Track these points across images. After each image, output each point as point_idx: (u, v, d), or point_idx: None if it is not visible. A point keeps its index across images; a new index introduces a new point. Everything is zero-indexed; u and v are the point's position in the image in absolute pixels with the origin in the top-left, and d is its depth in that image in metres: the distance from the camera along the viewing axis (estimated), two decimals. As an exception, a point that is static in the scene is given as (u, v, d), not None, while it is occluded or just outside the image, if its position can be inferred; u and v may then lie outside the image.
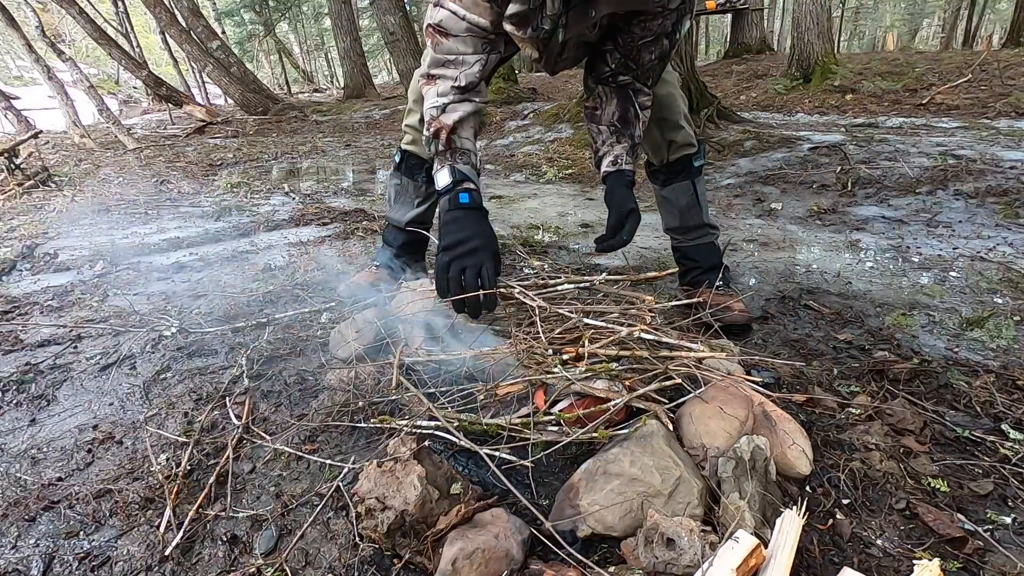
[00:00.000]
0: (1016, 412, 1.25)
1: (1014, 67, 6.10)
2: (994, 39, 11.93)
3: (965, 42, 14.44)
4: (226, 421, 1.34)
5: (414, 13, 15.76)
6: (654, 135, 1.72)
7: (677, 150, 1.73)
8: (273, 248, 2.84)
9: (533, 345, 1.23)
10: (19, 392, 1.53)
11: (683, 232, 1.87)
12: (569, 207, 3.57)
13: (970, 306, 1.83)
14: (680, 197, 1.80)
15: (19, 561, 0.98)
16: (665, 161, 1.76)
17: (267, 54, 23.39)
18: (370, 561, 0.94)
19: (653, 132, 1.71)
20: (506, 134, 6.31)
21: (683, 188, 1.78)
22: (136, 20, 16.03)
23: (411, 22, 9.86)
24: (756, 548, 0.80)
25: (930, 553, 0.91)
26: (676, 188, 1.79)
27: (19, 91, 15.44)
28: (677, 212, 1.83)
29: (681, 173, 1.77)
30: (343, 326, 1.59)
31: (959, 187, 3.04)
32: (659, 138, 1.73)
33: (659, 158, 1.78)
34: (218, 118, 10.00)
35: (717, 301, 1.68)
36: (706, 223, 1.83)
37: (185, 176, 5.39)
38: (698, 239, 1.85)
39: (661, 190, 1.84)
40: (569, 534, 0.94)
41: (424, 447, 1.03)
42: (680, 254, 1.91)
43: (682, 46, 5.04)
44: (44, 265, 2.67)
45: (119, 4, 13.35)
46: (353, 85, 13.31)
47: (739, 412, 1.08)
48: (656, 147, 1.76)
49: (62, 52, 7.17)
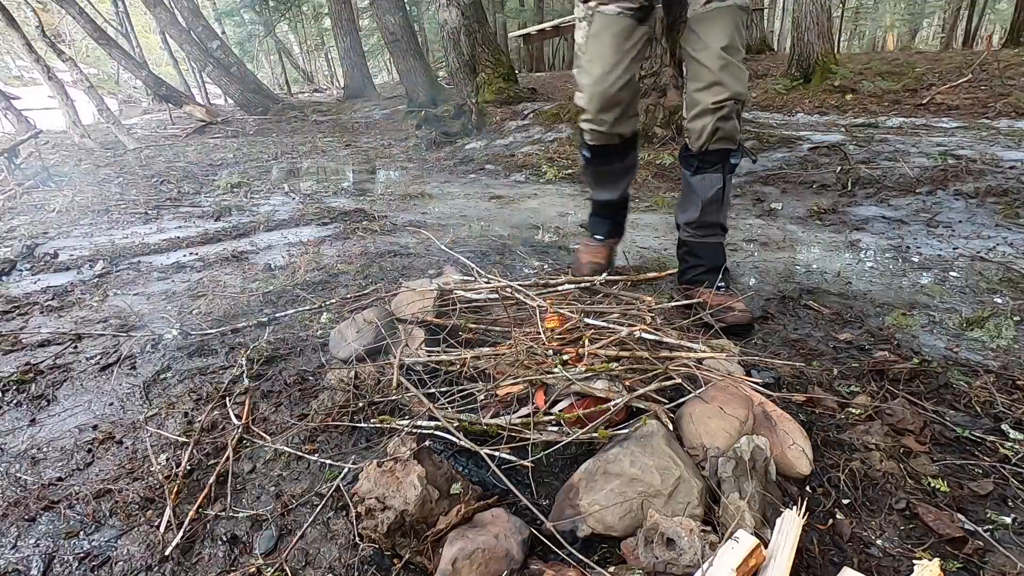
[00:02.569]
0: (1016, 412, 1.25)
1: (1014, 67, 6.10)
2: (994, 39, 11.93)
3: (965, 42, 14.44)
4: (226, 421, 1.34)
5: (414, 13, 15.76)
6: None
7: (716, 138, 1.68)
8: (273, 248, 2.84)
9: (532, 346, 1.23)
10: (19, 392, 1.53)
11: (697, 227, 1.83)
12: (569, 207, 3.57)
13: (970, 306, 1.83)
14: (708, 189, 1.75)
15: (19, 561, 0.98)
16: (705, 148, 1.71)
17: (267, 54, 23.39)
18: (370, 561, 0.94)
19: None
20: (506, 134, 6.31)
21: (714, 180, 1.75)
22: (136, 20, 16.03)
23: (411, 22, 9.86)
24: (756, 548, 0.80)
25: (930, 553, 0.91)
26: (707, 178, 1.75)
27: (19, 91, 15.43)
28: (700, 204, 1.78)
29: (716, 164, 1.73)
30: (343, 326, 1.59)
31: (959, 187, 3.04)
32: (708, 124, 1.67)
33: (700, 144, 1.71)
34: (218, 118, 10.00)
35: (717, 302, 1.67)
36: (720, 223, 1.81)
37: (185, 176, 5.39)
38: (708, 237, 1.83)
39: (692, 176, 1.78)
40: (569, 534, 0.94)
41: (424, 447, 1.03)
42: (686, 249, 1.87)
43: (682, 46, 5.04)
44: (44, 265, 2.67)
45: (119, 4, 13.35)
46: (353, 85, 13.30)
47: (739, 412, 1.08)
48: (700, 132, 1.69)
49: (62, 52, 7.17)
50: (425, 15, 17.59)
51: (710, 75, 1.57)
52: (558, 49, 17.66)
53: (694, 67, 1.61)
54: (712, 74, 1.56)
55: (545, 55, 17.03)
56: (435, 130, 6.63)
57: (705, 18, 1.55)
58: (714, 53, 1.55)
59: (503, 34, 14.55)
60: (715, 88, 1.58)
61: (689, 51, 1.61)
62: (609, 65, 1.64)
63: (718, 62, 1.55)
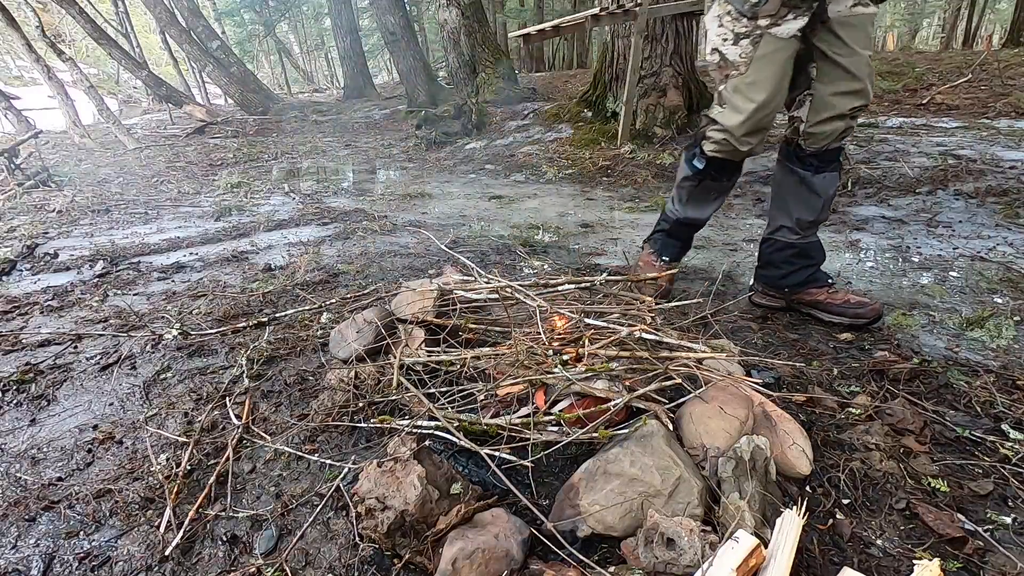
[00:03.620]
0: (1016, 412, 1.25)
1: (1014, 67, 6.09)
2: (994, 39, 11.93)
3: (965, 42, 14.43)
4: (226, 421, 1.34)
5: (414, 13, 15.76)
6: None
7: (840, 138, 1.63)
8: (273, 248, 2.84)
9: (532, 346, 1.23)
10: (19, 392, 1.53)
11: (810, 226, 1.76)
12: (569, 207, 3.57)
13: (970, 306, 1.83)
14: (830, 186, 1.70)
15: (19, 561, 0.98)
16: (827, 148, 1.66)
17: (267, 54, 23.39)
18: (370, 561, 0.94)
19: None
20: (506, 134, 6.31)
21: (833, 179, 1.70)
22: (136, 20, 16.04)
23: (411, 22, 9.86)
24: (756, 548, 0.80)
25: (930, 553, 0.91)
26: (828, 176, 1.69)
27: (19, 91, 15.43)
28: (820, 204, 1.72)
29: (832, 163, 1.69)
30: (343, 326, 1.59)
31: (959, 187, 3.04)
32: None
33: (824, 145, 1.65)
34: (218, 118, 10.00)
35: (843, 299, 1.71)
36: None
37: (185, 176, 5.39)
38: (814, 236, 1.80)
39: (813, 176, 1.71)
40: (569, 534, 0.94)
41: (424, 447, 1.03)
42: (794, 251, 1.79)
43: (682, 46, 5.05)
44: (44, 265, 2.67)
45: (119, 4, 13.35)
46: (353, 85, 13.30)
47: (739, 412, 1.08)
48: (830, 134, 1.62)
49: (62, 52, 7.17)
50: (425, 15, 17.59)
51: (856, 82, 1.53)
52: (558, 49, 17.66)
53: (834, 71, 1.54)
54: (859, 81, 1.52)
55: (545, 55, 17.02)
56: (435, 130, 6.63)
57: (852, 22, 1.49)
58: (863, 60, 1.51)
59: (503, 34, 14.55)
60: (859, 95, 1.54)
61: (829, 52, 1.53)
62: (774, 92, 1.54)
63: (866, 69, 1.51)
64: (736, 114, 1.59)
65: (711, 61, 1.62)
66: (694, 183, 1.84)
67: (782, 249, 1.80)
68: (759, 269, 1.89)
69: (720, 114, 1.64)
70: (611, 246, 2.69)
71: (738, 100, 1.58)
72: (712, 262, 2.40)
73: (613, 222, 3.15)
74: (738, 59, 1.55)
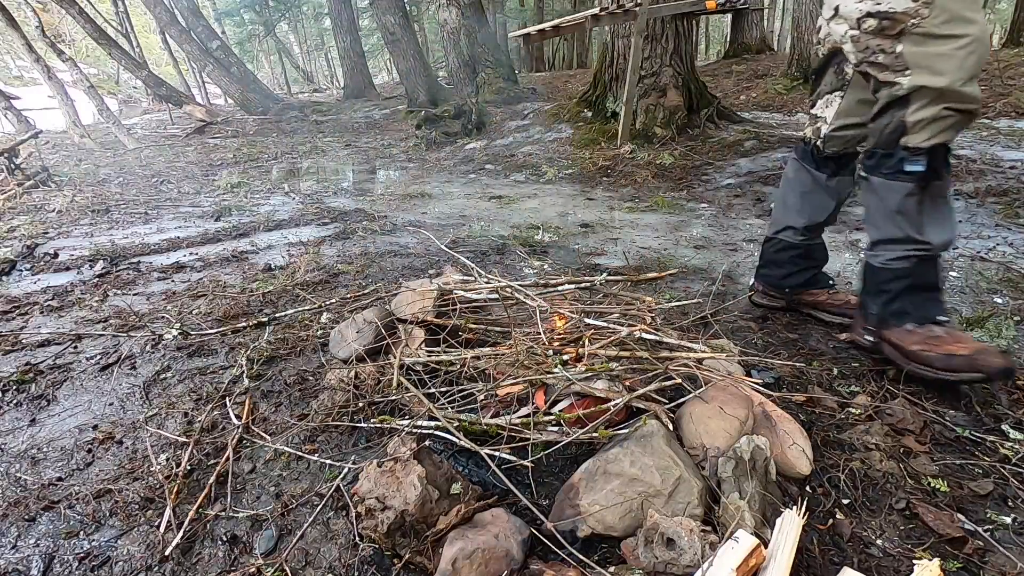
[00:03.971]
0: (1016, 412, 1.25)
1: (1014, 67, 6.09)
2: (994, 39, 11.92)
3: (965, 42, 14.40)
4: (226, 421, 1.34)
5: (414, 13, 15.76)
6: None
7: (859, 144, 1.56)
8: (273, 248, 2.84)
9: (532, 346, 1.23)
10: (19, 392, 1.53)
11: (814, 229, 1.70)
12: (569, 207, 3.57)
13: (970, 306, 1.83)
14: (843, 192, 1.64)
15: (19, 561, 0.98)
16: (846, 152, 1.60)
17: (267, 54, 23.40)
18: (370, 561, 0.94)
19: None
20: (506, 134, 6.31)
21: (848, 183, 1.63)
22: (136, 20, 16.03)
23: (411, 22, 9.86)
24: (756, 548, 0.80)
25: (930, 553, 0.91)
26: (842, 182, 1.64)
27: (19, 91, 15.43)
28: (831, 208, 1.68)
29: (848, 167, 1.63)
30: (343, 326, 1.59)
31: (959, 187, 3.04)
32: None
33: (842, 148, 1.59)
34: (218, 118, 10.00)
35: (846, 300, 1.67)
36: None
37: (185, 176, 5.39)
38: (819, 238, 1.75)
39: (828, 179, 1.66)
40: (569, 534, 0.94)
41: (424, 447, 1.03)
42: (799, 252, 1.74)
43: (682, 46, 5.05)
44: (44, 265, 2.67)
45: (119, 4, 13.36)
46: (353, 85, 13.31)
47: (739, 412, 1.08)
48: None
49: (62, 52, 7.18)
50: (425, 15, 17.60)
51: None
52: (558, 49, 17.67)
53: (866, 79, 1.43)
54: None
55: (545, 55, 17.03)
56: (435, 130, 6.63)
57: None
58: None
59: (503, 34, 14.55)
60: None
61: None
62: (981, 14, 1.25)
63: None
64: (947, 61, 1.23)
65: (867, 28, 1.29)
66: (923, 195, 1.34)
67: (785, 249, 1.77)
68: (760, 268, 1.88)
69: (917, 79, 1.25)
70: (611, 246, 2.69)
71: (940, 46, 1.23)
72: (712, 262, 2.40)
73: (613, 222, 3.16)
74: (911, 4, 1.24)
